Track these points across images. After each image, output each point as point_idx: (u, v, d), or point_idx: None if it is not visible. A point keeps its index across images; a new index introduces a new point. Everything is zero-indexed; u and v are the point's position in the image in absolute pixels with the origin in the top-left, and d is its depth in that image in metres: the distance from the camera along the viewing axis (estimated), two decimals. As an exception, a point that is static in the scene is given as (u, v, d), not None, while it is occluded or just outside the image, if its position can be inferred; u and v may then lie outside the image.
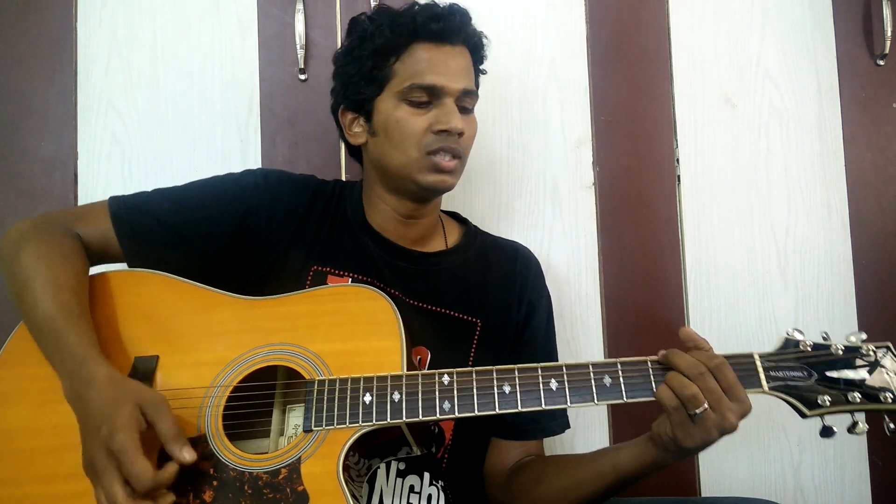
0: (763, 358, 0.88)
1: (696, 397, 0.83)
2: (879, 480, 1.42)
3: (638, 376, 0.88)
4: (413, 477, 1.04)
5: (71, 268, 0.96)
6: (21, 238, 0.98)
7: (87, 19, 1.42)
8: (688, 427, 0.84)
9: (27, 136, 1.40)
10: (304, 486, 0.85)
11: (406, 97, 1.04)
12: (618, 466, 0.95)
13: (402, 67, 1.05)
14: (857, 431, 0.85)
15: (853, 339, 0.89)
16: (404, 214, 1.12)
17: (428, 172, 1.05)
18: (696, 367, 0.84)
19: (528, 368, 0.89)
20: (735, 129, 1.48)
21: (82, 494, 0.83)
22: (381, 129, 1.07)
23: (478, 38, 1.12)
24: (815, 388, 0.86)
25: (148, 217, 1.05)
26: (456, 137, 1.05)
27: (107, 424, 0.80)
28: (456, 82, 1.05)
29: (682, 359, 0.86)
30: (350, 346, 0.94)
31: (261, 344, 0.95)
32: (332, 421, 0.88)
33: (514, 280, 1.17)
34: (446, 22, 1.06)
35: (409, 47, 1.05)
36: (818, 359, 0.88)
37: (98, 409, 0.82)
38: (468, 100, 1.08)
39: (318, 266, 1.09)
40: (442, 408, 0.88)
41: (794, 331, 0.90)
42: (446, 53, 1.06)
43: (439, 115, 1.04)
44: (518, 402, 0.88)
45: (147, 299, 0.99)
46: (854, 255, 1.46)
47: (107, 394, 0.83)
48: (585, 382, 0.88)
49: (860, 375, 0.86)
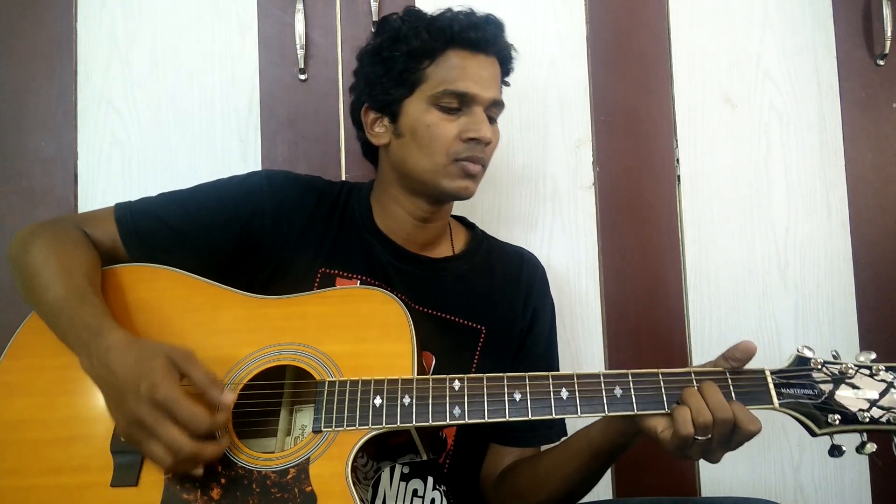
0: (774, 374, 0.88)
1: (706, 431, 0.83)
2: (879, 480, 1.42)
3: (649, 388, 0.87)
4: (416, 481, 1.04)
5: (81, 255, 0.97)
6: (30, 235, 0.99)
7: (87, 19, 1.42)
8: (681, 444, 0.84)
9: (27, 136, 1.40)
10: (312, 487, 0.85)
11: (437, 102, 1.04)
12: (591, 441, 0.96)
13: (435, 72, 1.05)
14: (865, 451, 0.85)
15: (863, 358, 0.89)
16: (419, 217, 1.11)
17: (455, 178, 1.05)
18: (722, 412, 0.83)
19: (539, 377, 0.89)
20: (735, 129, 1.47)
21: (88, 486, 0.84)
22: (408, 131, 1.06)
23: (508, 51, 1.12)
24: (826, 406, 0.86)
25: (153, 220, 1.05)
26: (483, 146, 1.05)
27: (145, 380, 0.80)
28: (487, 91, 1.05)
29: (711, 396, 0.84)
30: (361, 347, 0.93)
31: (271, 343, 0.94)
32: (341, 423, 0.88)
33: (519, 287, 1.17)
34: (483, 31, 1.06)
35: (445, 53, 1.05)
36: (829, 377, 0.87)
37: (129, 369, 0.82)
38: (496, 110, 1.09)
39: (325, 268, 1.09)
40: (452, 413, 0.87)
41: (804, 348, 0.90)
42: (480, 62, 1.06)
43: (469, 122, 1.04)
44: (529, 411, 0.87)
45: (159, 294, 0.99)
46: (854, 255, 1.46)
47: (132, 354, 0.83)
48: (596, 392, 0.87)
49: (870, 395, 0.86)
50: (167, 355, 0.83)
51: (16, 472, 0.88)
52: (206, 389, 0.82)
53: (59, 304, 0.90)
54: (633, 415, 0.87)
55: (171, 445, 0.79)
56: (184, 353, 0.84)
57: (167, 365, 0.82)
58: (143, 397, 0.79)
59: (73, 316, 0.89)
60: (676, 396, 0.86)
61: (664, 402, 0.86)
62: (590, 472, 0.99)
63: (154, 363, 0.81)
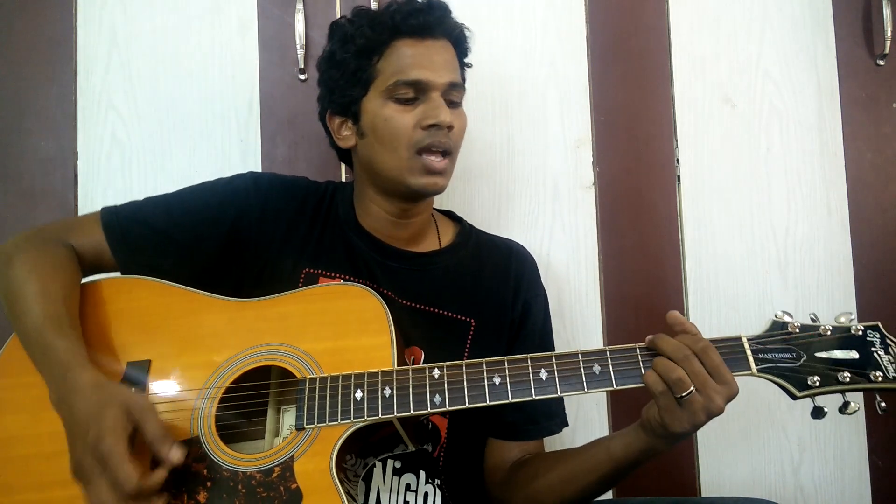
0: (751, 340, 0.88)
1: (682, 380, 0.83)
2: (879, 480, 1.42)
3: (627, 363, 0.88)
4: (409, 475, 1.04)
5: (61, 278, 0.97)
6: (14, 250, 0.99)
7: (87, 19, 1.42)
8: (675, 411, 0.84)
9: (27, 136, 1.40)
10: (297, 484, 0.85)
11: (392, 95, 1.04)
12: (612, 455, 0.95)
13: (385, 65, 1.05)
14: (848, 411, 0.85)
15: (842, 319, 0.89)
16: (396, 215, 1.11)
17: (419, 175, 1.04)
18: (680, 350, 0.85)
19: (518, 359, 0.90)
20: (735, 129, 1.47)
21: (75, 500, 0.83)
22: (369, 129, 1.06)
23: (459, 31, 1.11)
24: (805, 369, 0.86)
25: (139, 224, 1.06)
26: (445, 132, 1.04)
27: (93, 429, 0.80)
28: (441, 76, 1.04)
29: (667, 343, 0.87)
30: (341, 343, 0.94)
31: (252, 345, 0.95)
32: (323, 418, 0.88)
33: (508, 278, 1.17)
34: (426, 16, 1.05)
35: (391, 44, 1.05)
36: (807, 340, 0.87)
37: (84, 413, 0.82)
38: (455, 93, 1.08)
39: (310, 268, 1.09)
40: (433, 401, 0.88)
41: (782, 313, 0.90)
42: (429, 48, 1.06)
43: (427, 109, 1.03)
44: (508, 393, 0.88)
45: (138, 304, 0.99)
46: (854, 255, 1.46)
47: (92, 398, 0.83)
48: (575, 371, 0.88)
49: (850, 355, 0.86)
50: (124, 405, 0.82)
51: (6, 488, 0.88)
52: (153, 444, 0.81)
53: (34, 332, 0.90)
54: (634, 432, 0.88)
55: (98, 501, 0.79)
56: (142, 405, 0.83)
57: (118, 417, 0.81)
58: (88, 445, 0.80)
59: (47, 348, 0.89)
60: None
61: (642, 375, 0.87)
62: (609, 481, 0.99)
63: (108, 413, 0.81)
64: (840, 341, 0.87)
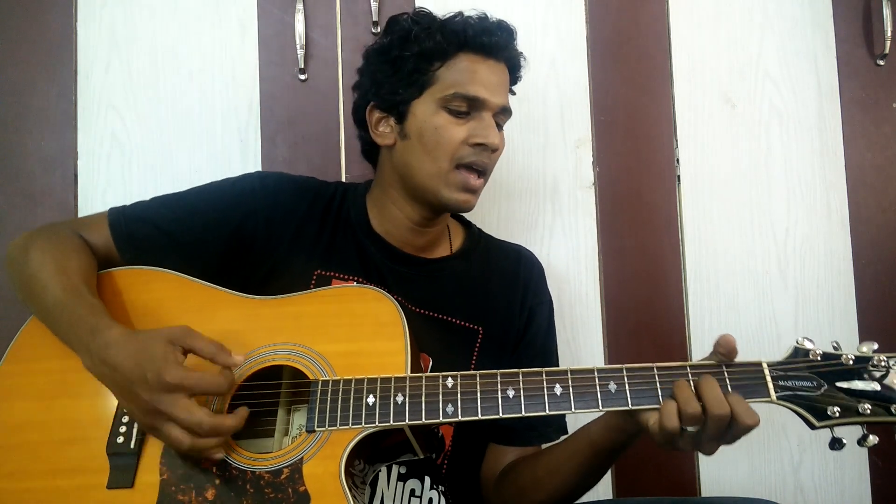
0: (772, 366, 0.86)
1: (695, 419, 0.81)
2: (879, 480, 1.42)
3: (643, 383, 0.86)
4: (414, 481, 1.04)
5: (78, 258, 0.98)
6: (29, 239, 1.00)
7: (87, 19, 1.42)
8: (666, 437, 0.83)
9: (27, 136, 1.40)
10: (305, 487, 0.85)
11: (447, 104, 1.03)
12: (592, 439, 0.95)
13: (445, 74, 1.04)
14: (867, 444, 0.83)
15: (864, 348, 0.86)
16: (416, 222, 1.11)
17: (455, 189, 1.04)
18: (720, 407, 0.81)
19: (533, 373, 0.88)
20: (735, 129, 1.48)
21: (84, 488, 0.84)
22: (414, 133, 1.05)
23: (517, 59, 1.12)
24: (825, 398, 0.83)
25: (145, 224, 1.06)
26: (489, 153, 1.05)
27: (149, 369, 0.81)
28: (497, 97, 1.05)
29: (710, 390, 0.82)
30: (355, 346, 0.93)
31: (265, 343, 0.94)
32: (335, 422, 0.88)
33: (517, 285, 1.17)
34: (496, 37, 1.06)
35: (456, 55, 1.04)
36: (828, 368, 0.85)
37: (131, 361, 0.83)
38: (503, 117, 1.09)
39: (321, 270, 1.09)
40: (445, 411, 0.87)
41: (803, 339, 0.87)
42: (490, 67, 1.06)
43: (478, 127, 1.04)
44: (522, 407, 0.86)
45: (154, 296, 0.99)
46: (854, 255, 1.46)
47: (131, 346, 0.84)
48: (590, 388, 0.87)
49: (871, 386, 0.83)
50: (165, 339, 0.84)
51: (14, 474, 0.88)
52: (213, 357, 0.84)
53: (57, 305, 0.91)
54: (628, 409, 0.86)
55: (190, 421, 0.80)
56: (182, 331, 0.85)
57: (168, 349, 0.83)
58: (154, 386, 0.81)
59: (72, 316, 0.89)
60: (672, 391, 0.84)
61: (659, 396, 0.85)
62: (591, 470, 0.98)
63: (154, 350, 0.82)
64: (862, 371, 0.84)
